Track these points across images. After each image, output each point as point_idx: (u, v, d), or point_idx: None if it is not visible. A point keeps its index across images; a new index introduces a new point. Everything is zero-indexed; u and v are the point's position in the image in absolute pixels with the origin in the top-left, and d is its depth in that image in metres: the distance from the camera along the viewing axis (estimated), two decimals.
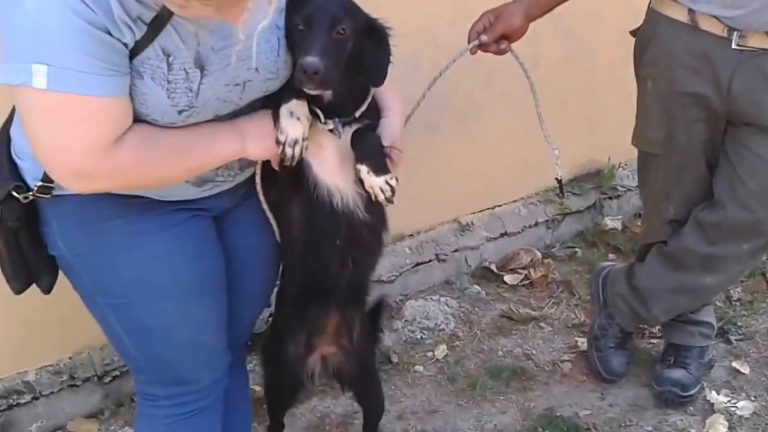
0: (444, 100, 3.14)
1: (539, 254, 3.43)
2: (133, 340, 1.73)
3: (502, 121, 3.35)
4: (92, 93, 1.40)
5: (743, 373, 2.80)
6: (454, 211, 3.36)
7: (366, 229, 1.80)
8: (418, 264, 3.21)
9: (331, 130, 1.68)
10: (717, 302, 3.11)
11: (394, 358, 2.90)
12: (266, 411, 2.37)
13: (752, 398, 2.68)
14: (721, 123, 2.39)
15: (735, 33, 2.22)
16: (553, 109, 3.47)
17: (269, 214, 1.82)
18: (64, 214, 1.64)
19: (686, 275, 2.56)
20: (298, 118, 1.62)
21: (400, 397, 2.75)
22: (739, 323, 3.05)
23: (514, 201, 3.51)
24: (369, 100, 1.72)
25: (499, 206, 3.47)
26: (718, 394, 2.69)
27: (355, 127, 1.70)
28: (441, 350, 2.94)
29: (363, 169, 1.67)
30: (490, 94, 3.31)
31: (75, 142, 1.43)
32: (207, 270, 1.76)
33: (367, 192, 1.70)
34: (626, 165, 3.86)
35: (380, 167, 1.68)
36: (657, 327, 2.94)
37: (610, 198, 3.74)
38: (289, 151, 1.62)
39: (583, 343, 2.95)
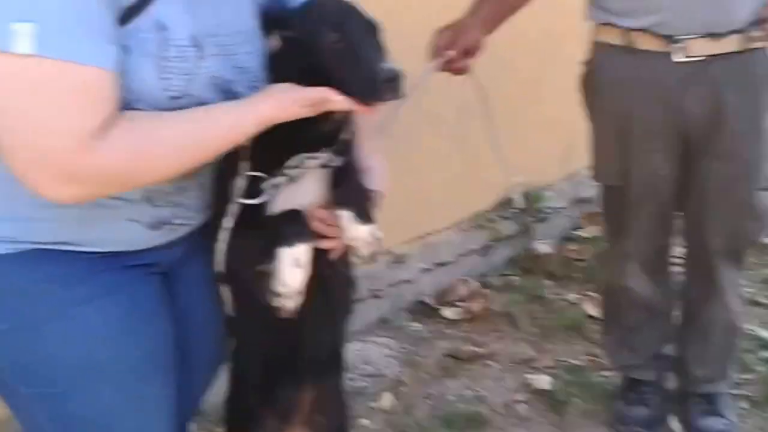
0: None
1: (476, 284, 3.23)
2: None
3: (432, 143, 3.14)
4: (90, 62, 1.12)
5: None
6: (387, 241, 3.09)
7: (341, 285, 1.55)
8: None
9: (324, 165, 1.41)
10: None
11: None
12: None
13: None
14: (679, 149, 2.22)
15: (675, 45, 2.06)
16: (482, 131, 3.33)
17: (223, 287, 1.50)
18: None
19: None
20: (302, 265, 1.35)
21: None
22: None
23: (447, 228, 3.30)
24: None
25: (430, 234, 3.24)
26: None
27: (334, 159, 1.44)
28: (387, 399, 2.65)
29: (346, 216, 1.39)
30: (419, 114, 3.08)
31: (62, 127, 1.11)
32: (159, 342, 1.42)
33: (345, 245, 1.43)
34: (549, 186, 3.76)
35: (365, 215, 1.41)
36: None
37: (538, 221, 3.60)
38: (290, 303, 1.36)
39: (535, 380, 2.76)
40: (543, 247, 3.51)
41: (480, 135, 3.40)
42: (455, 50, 2.06)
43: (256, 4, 1.44)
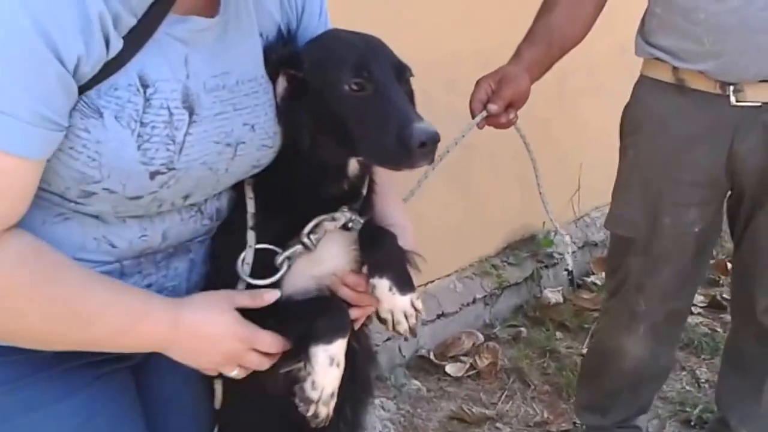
0: None
1: (481, 337, 2.94)
2: None
3: (433, 186, 2.88)
4: (8, 150, 0.94)
5: None
6: None
7: (364, 361, 1.35)
8: None
9: (345, 226, 1.21)
10: (685, 385, 2.78)
11: None
12: None
13: None
14: (720, 204, 2.00)
15: (729, 87, 1.83)
16: (485, 170, 3.09)
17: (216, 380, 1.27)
18: None
19: None
20: (338, 365, 1.15)
21: None
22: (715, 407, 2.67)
23: (448, 275, 3.03)
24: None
25: (432, 282, 2.97)
26: None
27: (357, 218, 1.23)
28: None
29: (383, 285, 1.17)
30: None
31: None
32: None
33: (381, 319, 1.21)
34: (558, 227, 3.51)
35: (406, 282, 1.20)
36: None
37: (546, 266, 3.33)
38: (323, 410, 1.15)
39: None
40: (553, 295, 3.24)
41: (484, 177, 3.19)
42: (499, 103, 1.81)
43: (262, 45, 1.21)
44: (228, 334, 1.11)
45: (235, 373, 1.15)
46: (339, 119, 1.13)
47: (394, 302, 1.18)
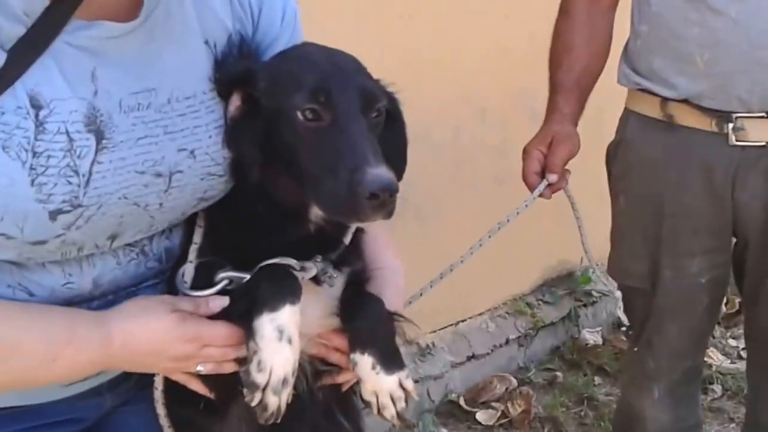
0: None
1: (515, 381, 2.78)
2: None
3: (466, 217, 2.74)
4: None
5: None
6: (411, 330, 2.68)
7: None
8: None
9: (316, 279, 1.04)
10: None
11: None
12: None
13: None
14: (727, 251, 1.80)
15: (727, 125, 1.62)
16: (520, 203, 2.94)
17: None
18: None
19: None
20: (290, 340, 0.96)
21: None
22: None
23: (480, 314, 2.88)
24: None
25: (463, 321, 2.82)
26: None
27: (342, 270, 1.07)
28: None
29: (365, 362, 1.02)
30: (454, 185, 2.72)
31: None
32: None
33: (363, 401, 1.05)
34: (599, 264, 3.33)
35: (392, 359, 1.04)
36: None
37: (585, 305, 3.17)
38: (273, 401, 0.96)
39: None
40: (591, 336, 3.06)
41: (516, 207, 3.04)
42: (557, 171, 1.74)
43: (212, 57, 1.04)
44: (171, 339, 0.97)
45: (200, 369, 1.01)
46: (289, 152, 0.98)
47: (379, 383, 1.02)
